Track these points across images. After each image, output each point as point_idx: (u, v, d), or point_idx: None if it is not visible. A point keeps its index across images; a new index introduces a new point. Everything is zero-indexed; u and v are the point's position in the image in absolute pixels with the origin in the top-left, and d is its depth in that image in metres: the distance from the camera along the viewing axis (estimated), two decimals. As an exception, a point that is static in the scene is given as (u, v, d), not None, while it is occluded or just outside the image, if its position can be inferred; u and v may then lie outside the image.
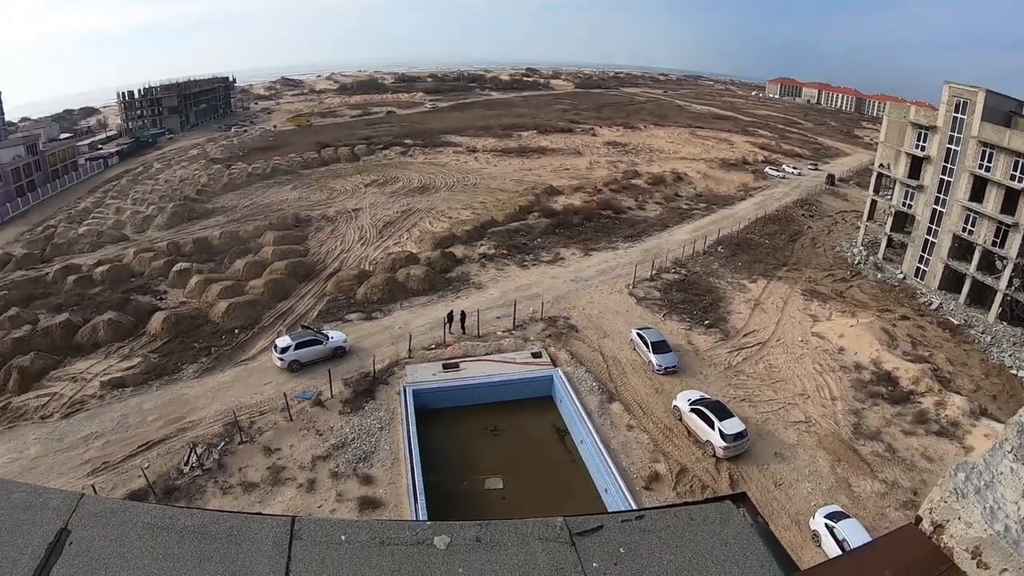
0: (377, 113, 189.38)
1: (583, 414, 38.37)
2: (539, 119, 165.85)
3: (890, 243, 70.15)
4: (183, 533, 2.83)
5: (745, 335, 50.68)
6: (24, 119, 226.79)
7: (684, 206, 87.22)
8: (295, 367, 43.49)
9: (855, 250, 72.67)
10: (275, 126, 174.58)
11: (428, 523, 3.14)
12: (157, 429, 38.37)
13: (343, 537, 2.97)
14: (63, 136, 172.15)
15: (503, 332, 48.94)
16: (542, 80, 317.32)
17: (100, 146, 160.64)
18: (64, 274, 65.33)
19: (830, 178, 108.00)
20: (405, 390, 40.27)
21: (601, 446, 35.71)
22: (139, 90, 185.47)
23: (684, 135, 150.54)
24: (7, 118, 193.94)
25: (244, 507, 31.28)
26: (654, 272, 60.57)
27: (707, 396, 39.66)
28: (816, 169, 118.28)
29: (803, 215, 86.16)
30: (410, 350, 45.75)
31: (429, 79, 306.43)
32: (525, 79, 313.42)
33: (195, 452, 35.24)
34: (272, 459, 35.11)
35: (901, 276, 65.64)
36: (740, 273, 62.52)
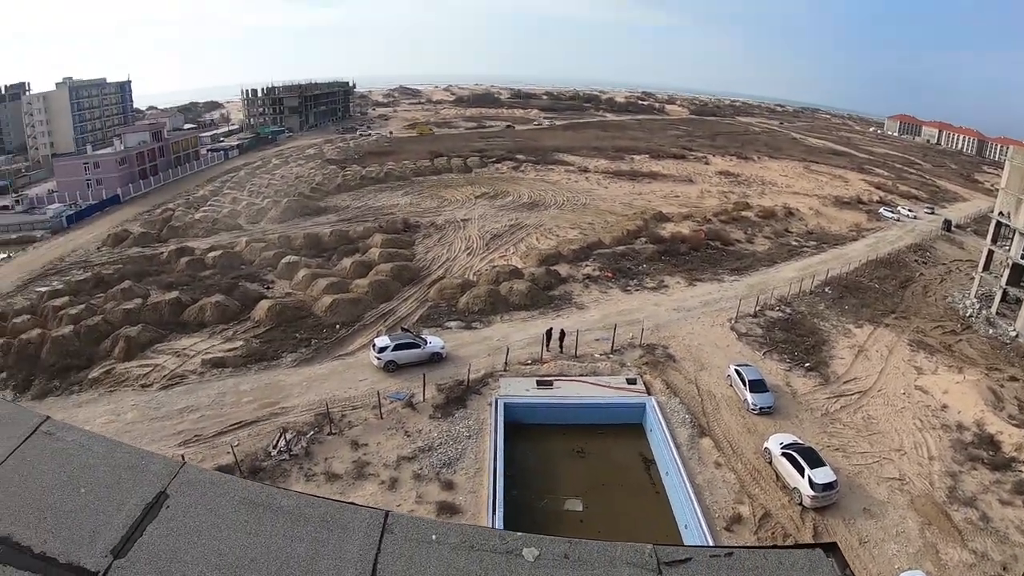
0: (492, 127, 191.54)
1: (672, 446, 37.64)
2: (652, 144, 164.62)
3: (1005, 297, 66.20)
4: (277, 512, 2.87)
5: (846, 382, 48.92)
6: (151, 108, 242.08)
7: (794, 243, 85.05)
8: (391, 367, 44.27)
9: (967, 302, 69.02)
10: (391, 132, 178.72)
11: (519, 534, 3.11)
12: (251, 411, 39.95)
13: (433, 537, 2.97)
14: (187, 127, 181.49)
15: (600, 355, 48.53)
16: (657, 104, 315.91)
17: (222, 139, 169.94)
18: (178, 255, 69.40)
19: (946, 224, 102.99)
20: (497, 402, 40.37)
21: (686, 480, 35.00)
22: (262, 89, 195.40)
23: (798, 169, 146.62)
24: (136, 105, 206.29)
25: (325, 496, 31.83)
26: (758, 308, 59.13)
27: (800, 441, 38.32)
28: (932, 213, 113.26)
29: (916, 261, 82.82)
30: (506, 363, 45.87)
31: (544, 96, 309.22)
32: (640, 102, 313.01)
33: (284, 437, 36.34)
34: (358, 453, 35.82)
35: (1014, 333, 62.11)
36: (846, 317, 60.44)
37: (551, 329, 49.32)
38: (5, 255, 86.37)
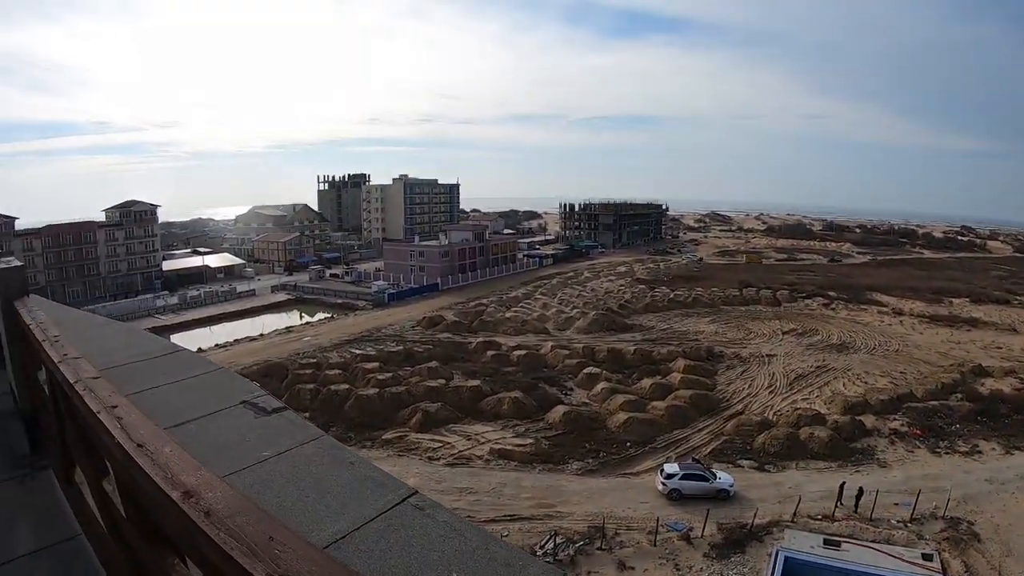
0: (803, 259, 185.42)
1: (965, 642, 33.53)
2: (972, 285, 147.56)
3: None
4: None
5: None
6: (475, 210, 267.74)
7: None
8: (675, 496, 43.32)
9: None
10: (701, 258, 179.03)
11: None
12: (526, 507, 41.22)
13: None
14: (506, 231, 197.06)
15: (897, 521, 44.08)
16: (978, 240, 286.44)
17: (538, 246, 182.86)
18: (484, 347, 75.79)
19: None
20: (777, 555, 37.86)
21: None
22: (580, 204, 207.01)
23: None
24: (462, 206, 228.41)
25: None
26: (1083, 486, 51.32)
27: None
28: None
29: None
30: (795, 514, 42.81)
31: (858, 230, 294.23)
32: (959, 238, 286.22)
33: (554, 540, 36.85)
34: (623, 574, 35.40)
35: None
36: None
37: (845, 483, 45.95)
38: (330, 316, 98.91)
